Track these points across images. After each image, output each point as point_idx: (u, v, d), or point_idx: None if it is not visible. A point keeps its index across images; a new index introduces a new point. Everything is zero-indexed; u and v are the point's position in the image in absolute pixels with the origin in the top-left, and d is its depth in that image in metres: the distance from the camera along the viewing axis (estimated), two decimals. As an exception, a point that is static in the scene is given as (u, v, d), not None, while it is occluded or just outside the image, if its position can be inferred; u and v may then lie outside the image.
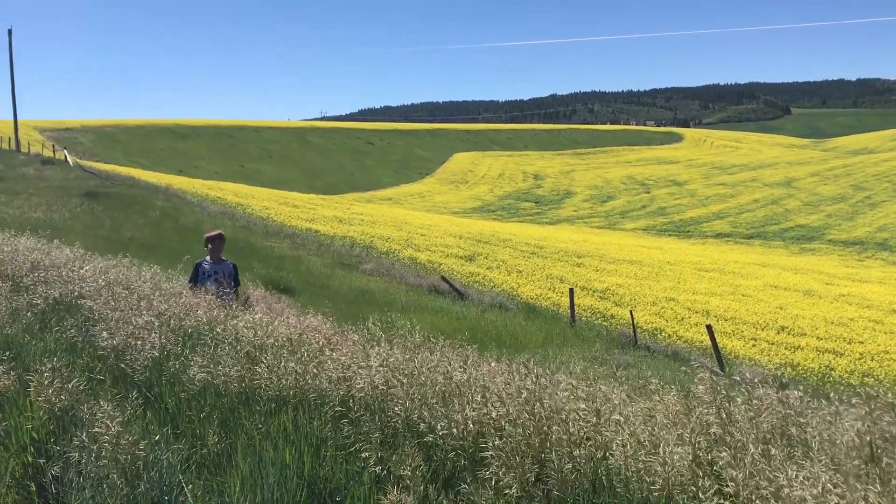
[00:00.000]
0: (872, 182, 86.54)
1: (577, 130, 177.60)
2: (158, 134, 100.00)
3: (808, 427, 3.38)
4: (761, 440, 3.00)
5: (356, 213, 41.06)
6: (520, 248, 33.97)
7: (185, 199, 36.28)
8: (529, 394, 3.19)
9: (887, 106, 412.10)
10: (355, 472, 3.12)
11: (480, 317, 18.46)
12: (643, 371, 12.19)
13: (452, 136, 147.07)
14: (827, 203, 76.76)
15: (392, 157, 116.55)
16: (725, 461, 2.80)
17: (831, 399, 3.68)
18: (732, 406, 3.29)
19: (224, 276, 8.04)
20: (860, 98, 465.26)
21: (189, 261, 8.70)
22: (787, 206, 76.56)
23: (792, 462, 2.82)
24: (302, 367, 3.92)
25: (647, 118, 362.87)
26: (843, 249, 57.08)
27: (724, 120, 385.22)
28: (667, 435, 3.00)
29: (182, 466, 3.20)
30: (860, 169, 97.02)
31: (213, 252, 8.34)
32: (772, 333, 21.87)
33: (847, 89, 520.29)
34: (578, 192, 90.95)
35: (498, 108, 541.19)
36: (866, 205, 74.74)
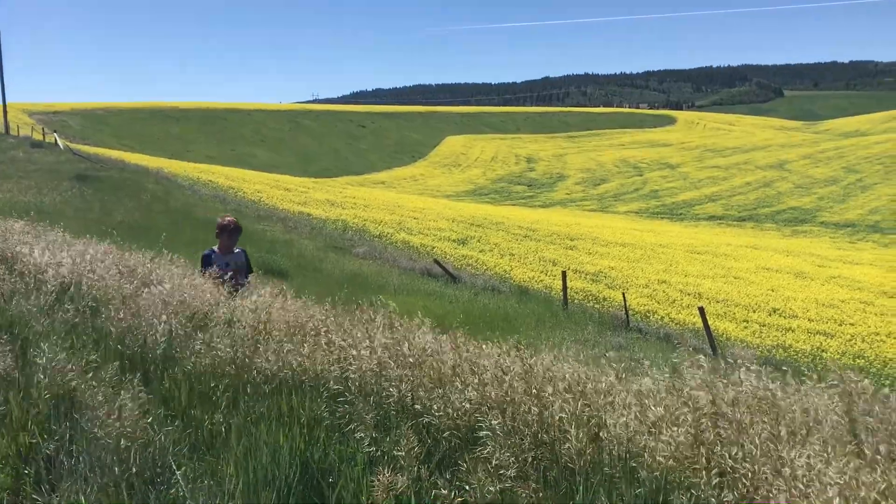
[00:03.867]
0: (864, 164, 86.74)
1: (570, 113, 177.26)
2: (150, 117, 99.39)
3: (798, 408, 3.42)
4: (754, 419, 3.03)
5: (349, 197, 40.97)
6: (512, 231, 33.98)
7: (176, 182, 36.15)
8: (526, 374, 3.21)
9: (879, 88, 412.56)
10: (349, 454, 3.14)
11: (473, 300, 18.50)
12: (635, 353, 12.26)
13: (445, 119, 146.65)
14: (819, 185, 76.96)
15: (385, 140, 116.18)
16: (723, 439, 2.82)
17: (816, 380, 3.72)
18: (725, 387, 3.32)
19: (237, 268, 7.09)
20: (852, 80, 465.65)
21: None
22: (780, 188, 76.74)
23: (787, 441, 2.85)
24: (297, 350, 3.93)
25: (640, 101, 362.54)
26: (834, 232, 57.31)
27: (716, 102, 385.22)
28: (663, 415, 3.02)
29: (176, 448, 3.22)
30: (852, 151, 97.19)
31: (228, 244, 7.28)
32: (763, 315, 21.98)
33: (839, 71, 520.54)
34: (571, 176, 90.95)
35: (491, 91, 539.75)
36: (858, 187, 74.96)
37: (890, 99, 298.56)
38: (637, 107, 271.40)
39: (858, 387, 3.32)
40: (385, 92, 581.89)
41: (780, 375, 3.53)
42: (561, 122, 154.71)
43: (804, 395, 3.46)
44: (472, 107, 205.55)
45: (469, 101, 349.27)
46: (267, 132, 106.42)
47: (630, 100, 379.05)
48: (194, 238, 18.57)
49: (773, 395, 3.36)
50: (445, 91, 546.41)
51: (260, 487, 2.89)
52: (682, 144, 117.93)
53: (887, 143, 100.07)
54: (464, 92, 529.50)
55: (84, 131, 77.74)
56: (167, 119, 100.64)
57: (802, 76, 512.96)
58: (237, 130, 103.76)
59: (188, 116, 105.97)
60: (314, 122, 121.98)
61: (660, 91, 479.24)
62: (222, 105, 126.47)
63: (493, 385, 3.22)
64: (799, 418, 3.28)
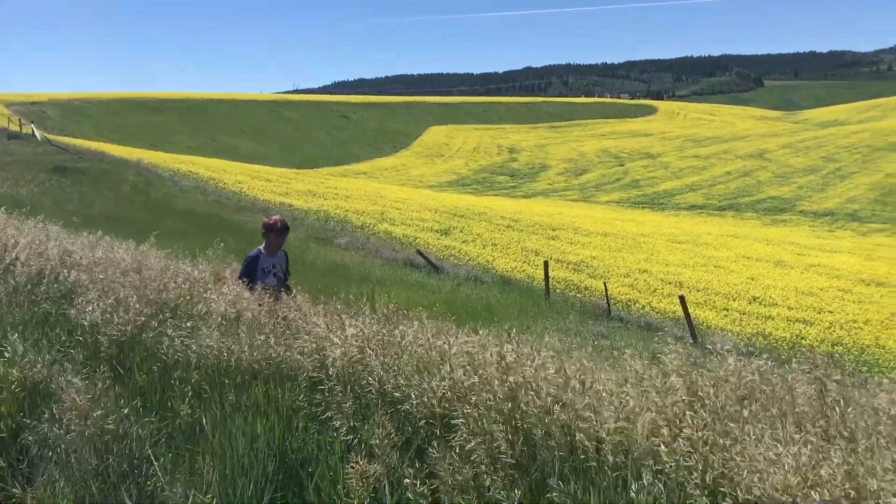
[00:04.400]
0: (843, 154, 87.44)
1: (551, 103, 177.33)
2: (129, 108, 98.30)
3: (774, 392, 3.46)
4: (727, 404, 3.06)
5: (330, 187, 40.82)
6: (495, 221, 34.01)
7: (156, 173, 35.83)
8: (500, 361, 3.22)
9: (857, 78, 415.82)
10: (327, 442, 3.13)
11: (456, 290, 18.52)
12: (616, 341, 12.34)
13: (427, 109, 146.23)
14: (798, 175, 77.51)
15: (367, 130, 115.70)
16: (692, 424, 2.84)
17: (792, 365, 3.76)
18: (701, 373, 3.35)
19: (281, 270, 6.80)
20: (831, 70, 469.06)
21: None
22: (760, 177, 77.24)
23: (756, 422, 2.88)
24: (275, 340, 3.92)
25: (621, 91, 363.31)
26: (813, 220, 57.80)
27: (697, 92, 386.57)
28: (637, 401, 3.04)
29: (153, 439, 3.20)
30: (831, 141, 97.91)
31: (275, 244, 6.87)
32: (743, 304, 22.17)
33: (818, 61, 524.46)
34: (553, 166, 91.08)
35: (473, 81, 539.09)
36: (836, 176, 75.58)
37: (867, 89, 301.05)
38: (618, 97, 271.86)
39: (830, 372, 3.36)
40: (367, 82, 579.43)
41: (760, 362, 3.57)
42: (543, 113, 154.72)
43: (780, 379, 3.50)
44: (455, 97, 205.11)
45: (451, 91, 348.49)
46: (248, 123, 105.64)
47: (611, 90, 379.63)
48: (175, 229, 18.45)
49: (749, 381, 3.39)
50: (428, 81, 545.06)
51: (237, 477, 2.88)
52: (662, 134, 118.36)
53: (865, 132, 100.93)
54: (446, 82, 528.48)
55: (63, 122, 76.82)
56: (147, 110, 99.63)
57: (782, 66, 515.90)
58: (218, 121, 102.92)
59: (168, 107, 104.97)
60: (296, 112, 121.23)
61: (641, 81, 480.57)
62: (203, 95, 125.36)
63: (470, 371, 3.22)
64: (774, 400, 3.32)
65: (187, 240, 15.08)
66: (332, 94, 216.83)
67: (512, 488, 2.69)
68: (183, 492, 2.85)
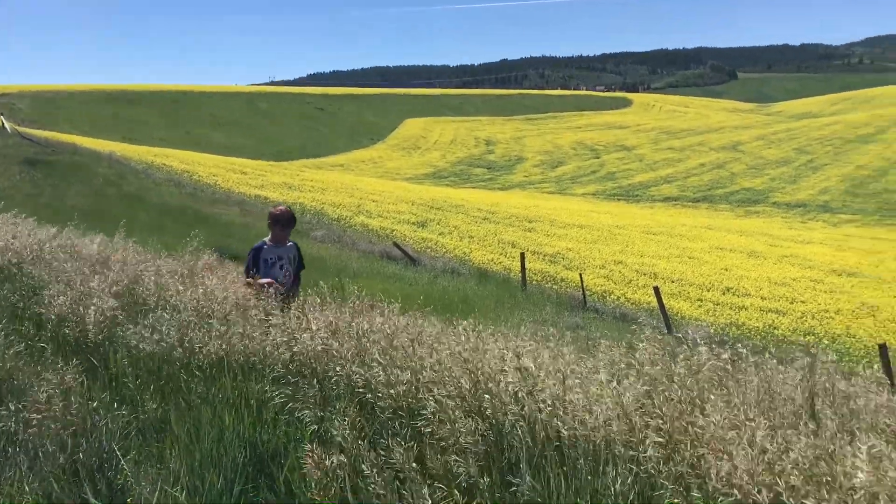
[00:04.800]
0: (815, 146, 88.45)
1: (527, 96, 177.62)
2: (102, 100, 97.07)
3: (746, 381, 3.50)
4: (698, 391, 3.09)
5: (306, 180, 40.61)
6: (472, 213, 34.04)
7: (129, 166, 35.42)
8: (467, 352, 3.23)
9: (829, 71, 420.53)
10: (297, 434, 3.13)
11: (433, 282, 18.52)
12: (592, 332, 12.41)
13: (404, 101, 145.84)
14: (771, 166, 78.30)
15: (343, 123, 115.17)
16: (661, 412, 2.87)
17: (771, 355, 3.81)
18: (672, 362, 3.37)
19: (289, 263, 6.50)
20: (803, 63, 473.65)
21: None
22: (733, 169, 77.92)
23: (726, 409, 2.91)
24: (245, 332, 3.89)
25: (597, 83, 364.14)
26: (786, 212, 58.45)
27: (671, 85, 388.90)
28: (606, 389, 3.06)
29: (122, 433, 3.17)
30: (803, 133, 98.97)
31: (281, 235, 6.56)
32: (717, 294, 22.38)
33: (791, 54, 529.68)
34: (529, 158, 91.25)
35: (449, 73, 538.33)
36: (809, 168, 76.46)
37: (839, 81, 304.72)
38: (594, 89, 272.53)
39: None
40: (343, 74, 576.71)
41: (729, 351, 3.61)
42: (519, 105, 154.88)
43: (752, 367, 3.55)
44: (432, 89, 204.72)
45: (428, 84, 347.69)
46: (223, 115, 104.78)
47: (587, 82, 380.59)
48: (149, 222, 18.26)
49: (722, 370, 3.43)
50: (404, 73, 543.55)
51: (205, 470, 2.87)
52: (637, 127, 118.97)
53: (836, 124, 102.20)
54: (422, 74, 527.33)
55: (34, 114, 75.68)
56: (121, 102, 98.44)
57: (755, 59, 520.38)
58: (192, 113, 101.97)
59: (142, 99, 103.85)
60: (271, 104, 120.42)
61: (616, 73, 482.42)
62: (177, 87, 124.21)
63: (436, 360, 3.23)
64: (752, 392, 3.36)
65: (161, 233, 14.96)
66: (307, 86, 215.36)
67: (482, 475, 2.70)
68: (151, 485, 2.83)
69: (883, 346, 13.07)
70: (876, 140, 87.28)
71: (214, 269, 6.17)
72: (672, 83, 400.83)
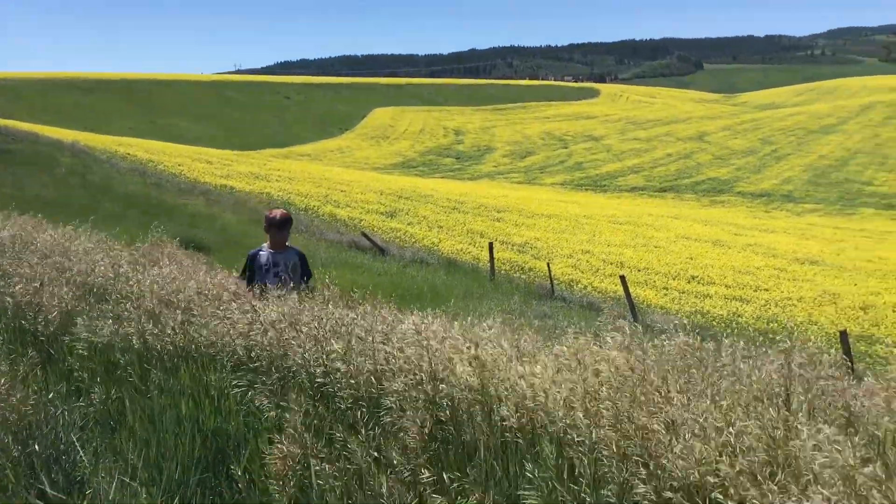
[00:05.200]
0: (779, 136, 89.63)
1: (496, 86, 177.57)
2: (65, 88, 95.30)
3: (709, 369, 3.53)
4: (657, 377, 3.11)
5: (273, 170, 40.26)
6: (441, 203, 34.03)
7: (93, 155, 34.79)
8: (425, 341, 3.23)
9: (793, 62, 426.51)
10: (256, 424, 3.11)
11: (401, 272, 18.52)
12: (559, 321, 12.48)
13: (372, 90, 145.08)
14: (736, 156, 79.22)
15: (311, 112, 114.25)
16: (615, 397, 2.88)
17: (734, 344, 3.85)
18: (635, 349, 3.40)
19: (287, 270, 6.20)
20: (768, 54, 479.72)
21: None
22: (699, 159, 78.71)
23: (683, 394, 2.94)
24: (204, 322, 3.85)
25: (565, 73, 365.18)
26: (751, 201, 59.22)
27: (639, 75, 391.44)
28: (561, 377, 3.07)
29: (79, 425, 3.12)
30: (768, 123, 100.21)
31: (277, 240, 6.36)
32: (682, 283, 22.65)
33: (756, 45, 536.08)
34: (499, 148, 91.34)
35: (418, 63, 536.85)
36: (773, 158, 77.48)
37: (803, 72, 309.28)
38: (562, 79, 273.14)
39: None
40: (311, 62, 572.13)
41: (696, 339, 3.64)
42: (488, 95, 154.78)
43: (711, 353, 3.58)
44: (400, 78, 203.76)
45: (397, 73, 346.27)
46: (189, 104, 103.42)
47: (555, 72, 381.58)
48: (113, 213, 17.99)
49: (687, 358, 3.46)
50: (372, 62, 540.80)
51: (162, 461, 2.84)
52: (605, 117, 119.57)
53: (800, 115, 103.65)
54: (391, 63, 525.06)
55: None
56: (84, 91, 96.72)
57: (721, 50, 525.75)
58: (158, 102, 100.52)
59: (106, 88, 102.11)
60: (238, 93, 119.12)
61: (584, 63, 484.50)
62: (142, 76, 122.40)
63: (397, 351, 3.23)
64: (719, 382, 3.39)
65: (125, 223, 14.75)
66: (275, 74, 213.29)
67: (436, 462, 2.70)
68: (109, 477, 2.79)
69: (844, 332, 13.35)
70: (838, 130, 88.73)
71: (176, 258, 6.10)
72: (639, 74, 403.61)
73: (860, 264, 27.39)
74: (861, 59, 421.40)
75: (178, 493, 2.77)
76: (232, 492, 2.88)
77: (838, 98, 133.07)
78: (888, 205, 56.21)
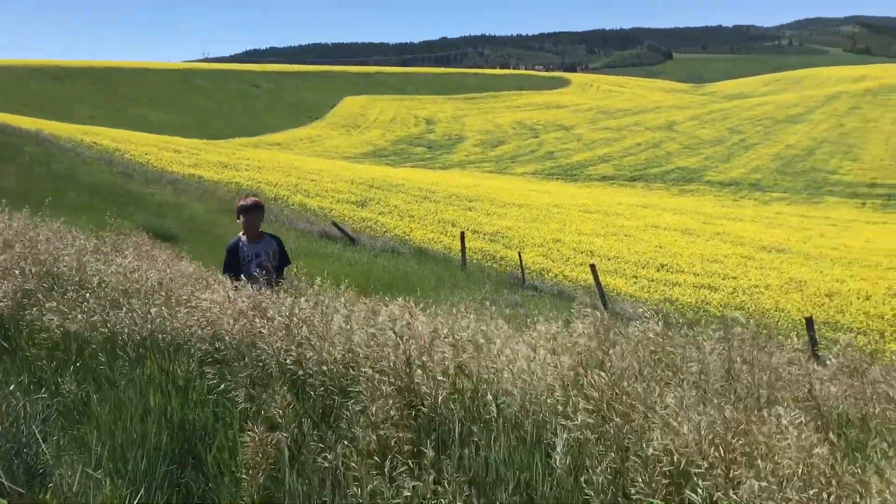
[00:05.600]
0: (747, 125, 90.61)
1: (468, 74, 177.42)
2: (28, 76, 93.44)
3: (676, 354, 3.57)
4: (631, 365, 3.15)
5: (242, 159, 39.88)
6: (412, 193, 33.96)
7: (58, 144, 34.19)
8: (399, 327, 3.22)
9: (760, 52, 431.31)
10: (224, 413, 3.07)
11: (372, 262, 18.48)
12: (531, 310, 12.54)
13: (343, 79, 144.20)
14: (705, 146, 79.95)
15: (280, 100, 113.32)
16: (595, 383, 2.91)
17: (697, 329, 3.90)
18: (608, 336, 3.42)
19: (269, 258, 6.17)
20: (736, 44, 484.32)
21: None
22: (668, 149, 79.34)
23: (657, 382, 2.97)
24: (170, 311, 3.80)
25: (535, 63, 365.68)
26: (719, 190, 59.84)
27: (609, 65, 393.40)
28: (538, 363, 3.09)
29: (41, 417, 3.07)
30: (736, 113, 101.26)
31: (250, 227, 6.28)
32: (652, 271, 22.85)
33: (724, 35, 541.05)
34: (470, 137, 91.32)
35: (388, 51, 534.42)
36: (741, 147, 78.31)
37: (770, 62, 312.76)
38: (533, 68, 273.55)
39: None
40: (280, 51, 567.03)
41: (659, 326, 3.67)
42: (459, 84, 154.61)
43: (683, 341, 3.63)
44: (370, 66, 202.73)
45: (367, 61, 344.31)
46: (156, 92, 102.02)
47: (526, 61, 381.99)
48: (79, 202, 17.69)
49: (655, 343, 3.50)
50: (342, 50, 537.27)
51: (128, 451, 2.80)
52: (576, 106, 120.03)
53: (768, 104, 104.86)
54: (361, 51, 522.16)
55: (-49, 91, 72.45)
56: (47, 78, 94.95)
57: (690, 39, 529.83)
58: (124, 90, 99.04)
59: (71, 76, 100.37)
60: (206, 81, 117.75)
61: (555, 53, 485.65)
62: (108, 64, 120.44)
63: (368, 337, 3.22)
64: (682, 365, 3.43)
65: (91, 213, 14.52)
66: (243, 62, 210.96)
67: (415, 448, 2.70)
68: (73, 469, 2.75)
69: (809, 319, 13.60)
70: (804, 120, 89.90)
71: (143, 248, 6.02)
72: (609, 63, 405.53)
73: (825, 252, 27.83)
74: (826, 50, 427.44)
75: (143, 485, 2.74)
76: (199, 483, 2.85)
77: (805, 88, 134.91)
78: (853, 193, 57.14)
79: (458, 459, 2.71)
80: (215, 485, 2.81)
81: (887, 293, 21.01)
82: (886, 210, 51.34)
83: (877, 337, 17.56)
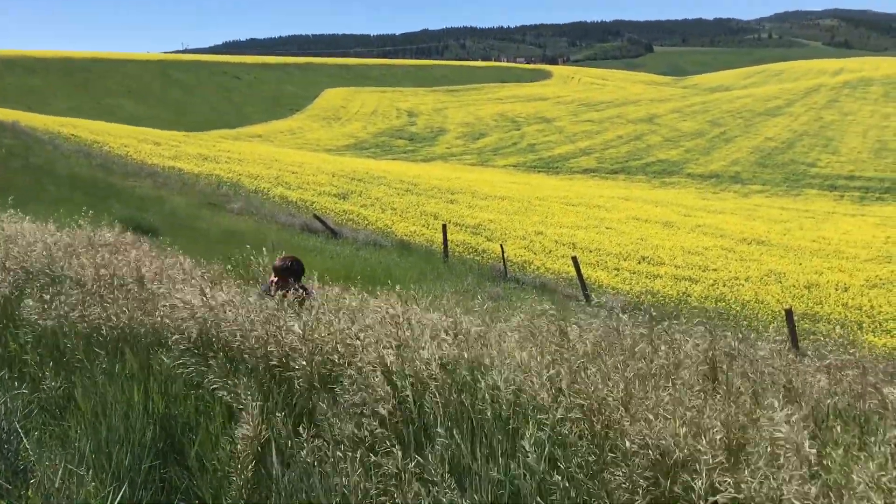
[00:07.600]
0: (727, 118, 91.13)
1: (449, 67, 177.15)
2: (4, 68, 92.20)
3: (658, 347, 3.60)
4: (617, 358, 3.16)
5: (223, 151, 39.63)
6: (394, 185, 33.91)
7: (35, 136, 33.81)
8: (381, 319, 3.23)
9: (741, 45, 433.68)
10: (207, 408, 3.06)
11: (355, 255, 18.45)
12: (513, 302, 12.58)
13: (324, 71, 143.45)
14: (686, 139, 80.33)
15: (261, 92, 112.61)
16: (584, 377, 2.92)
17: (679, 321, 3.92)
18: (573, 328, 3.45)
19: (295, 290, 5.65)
20: (716, 37, 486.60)
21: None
22: (650, 141, 79.63)
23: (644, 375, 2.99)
24: (150, 306, 3.77)
25: (517, 55, 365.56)
26: (700, 183, 60.18)
27: (590, 57, 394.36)
28: (522, 355, 3.10)
29: (23, 412, 3.04)
30: (717, 105, 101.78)
31: (282, 284, 5.50)
32: (633, 263, 22.96)
33: (705, 28, 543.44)
34: (451, 130, 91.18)
35: (370, 43, 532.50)
36: (721, 140, 78.77)
37: (750, 55, 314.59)
38: (514, 61, 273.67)
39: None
40: (259, 42, 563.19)
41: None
42: (441, 76, 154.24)
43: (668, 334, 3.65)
44: (352, 59, 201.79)
45: (348, 53, 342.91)
46: (135, 84, 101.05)
47: (508, 54, 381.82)
48: (57, 195, 17.52)
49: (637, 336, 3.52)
50: (323, 42, 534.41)
51: (112, 447, 2.78)
52: (558, 99, 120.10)
53: (748, 97, 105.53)
54: (342, 43, 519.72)
55: (-75, 82, 71.32)
56: (24, 70, 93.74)
57: (671, 32, 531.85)
58: (102, 82, 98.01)
59: (48, 67, 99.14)
60: (186, 73, 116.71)
61: (536, 45, 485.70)
62: (85, 55, 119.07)
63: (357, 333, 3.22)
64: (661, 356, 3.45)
65: (70, 206, 14.37)
66: (223, 54, 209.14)
67: (398, 439, 2.70)
68: (55, 465, 2.73)
69: (789, 311, 13.71)
70: (784, 113, 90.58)
71: (121, 241, 5.97)
72: (591, 55, 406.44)
73: (805, 244, 28.08)
74: (806, 43, 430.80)
75: (127, 480, 2.73)
76: (183, 478, 2.84)
77: (785, 81, 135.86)
78: (831, 186, 57.66)
79: (441, 452, 2.72)
80: (199, 479, 2.80)
81: (865, 285, 21.24)
82: (864, 203, 51.87)
83: (855, 328, 17.76)
